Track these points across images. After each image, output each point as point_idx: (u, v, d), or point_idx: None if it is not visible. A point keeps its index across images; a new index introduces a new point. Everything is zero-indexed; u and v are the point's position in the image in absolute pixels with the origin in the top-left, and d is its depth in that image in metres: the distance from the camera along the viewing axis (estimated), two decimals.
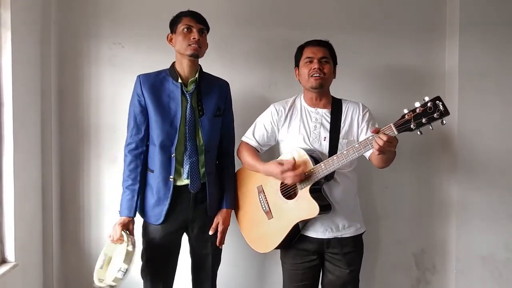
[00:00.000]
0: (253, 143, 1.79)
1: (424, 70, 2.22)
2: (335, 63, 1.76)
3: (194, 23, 1.64)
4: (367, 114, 1.71)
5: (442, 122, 1.33)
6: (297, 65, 1.77)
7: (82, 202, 2.13)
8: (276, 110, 1.77)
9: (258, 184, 1.76)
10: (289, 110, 1.76)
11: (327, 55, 1.70)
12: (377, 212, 2.24)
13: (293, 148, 1.68)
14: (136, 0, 2.08)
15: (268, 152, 1.88)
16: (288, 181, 1.61)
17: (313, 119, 1.71)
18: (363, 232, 1.75)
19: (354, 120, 1.70)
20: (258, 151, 1.80)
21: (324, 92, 1.73)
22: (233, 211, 1.84)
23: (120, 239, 1.61)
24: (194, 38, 1.62)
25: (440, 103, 1.31)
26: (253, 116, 1.86)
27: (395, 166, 1.69)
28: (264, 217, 1.72)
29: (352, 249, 1.69)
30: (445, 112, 1.31)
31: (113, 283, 1.50)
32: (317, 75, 1.66)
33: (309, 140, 1.68)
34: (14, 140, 1.78)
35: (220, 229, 1.74)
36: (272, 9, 2.17)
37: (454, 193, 2.22)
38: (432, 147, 2.25)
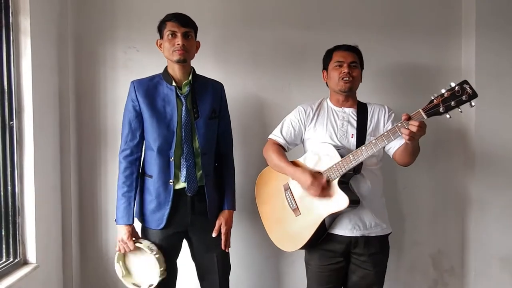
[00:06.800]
0: (280, 140, 1.79)
1: (441, 69, 2.19)
2: (362, 68, 1.78)
3: (178, 28, 1.61)
4: (393, 115, 1.75)
5: (470, 104, 1.37)
6: (325, 68, 1.80)
7: (100, 204, 2.17)
8: (304, 109, 1.79)
9: (284, 182, 1.76)
10: (316, 110, 1.78)
11: (356, 60, 1.73)
12: (394, 213, 2.21)
13: (321, 143, 1.68)
14: (150, 4, 2.11)
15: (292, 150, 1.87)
16: (311, 194, 1.63)
17: (340, 117, 1.74)
18: (389, 233, 1.74)
19: (380, 120, 1.73)
20: (285, 150, 1.80)
21: (351, 95, 1.76)
22: (258, 211, 1.84)
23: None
24: (178, 44, 1.60)
25: (468, 86, 1.35)
26: (268, 117, 1.85)
27: (413, 166, 1.68)
28: (291, 215, 1.72)
29: (378, 249, 1.69)
30: (474, 94, 1.35)
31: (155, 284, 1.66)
32: (347, 79, 1.69)
33: (337, 137, 1.69)
34: (35, 144, 1.82)
35: (223, 230, 1.72)
36: (285, 9, 2.16)
37: (472, 193, 2.19)
38: (449, 146, 2.22)
